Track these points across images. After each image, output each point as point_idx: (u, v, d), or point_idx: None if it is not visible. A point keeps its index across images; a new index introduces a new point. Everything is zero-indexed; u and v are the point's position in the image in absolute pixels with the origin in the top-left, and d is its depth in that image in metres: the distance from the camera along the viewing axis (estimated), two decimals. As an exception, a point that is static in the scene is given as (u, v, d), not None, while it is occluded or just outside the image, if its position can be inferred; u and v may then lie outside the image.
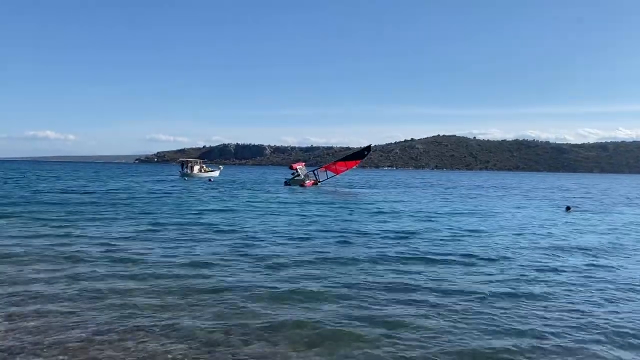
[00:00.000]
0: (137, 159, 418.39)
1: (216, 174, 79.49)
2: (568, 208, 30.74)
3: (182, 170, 77.90)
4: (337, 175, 53.25)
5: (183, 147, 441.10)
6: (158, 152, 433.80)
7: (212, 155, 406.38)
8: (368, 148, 55.42)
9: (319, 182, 52.30)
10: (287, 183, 54.61)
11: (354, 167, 54.43)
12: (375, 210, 27.02)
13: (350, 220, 21.75)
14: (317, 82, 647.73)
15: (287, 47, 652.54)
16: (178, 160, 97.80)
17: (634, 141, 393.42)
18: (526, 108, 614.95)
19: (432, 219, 22.86)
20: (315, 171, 54.50)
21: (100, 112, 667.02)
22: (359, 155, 54.20)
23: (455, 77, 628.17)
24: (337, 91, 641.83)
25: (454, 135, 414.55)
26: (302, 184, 51.42)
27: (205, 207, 27.00)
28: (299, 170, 54.70)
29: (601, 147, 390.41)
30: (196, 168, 78.27)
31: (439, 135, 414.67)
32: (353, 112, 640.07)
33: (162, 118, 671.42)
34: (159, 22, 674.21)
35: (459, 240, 16.51)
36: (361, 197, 39.93)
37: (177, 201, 31.06)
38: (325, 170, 53.59)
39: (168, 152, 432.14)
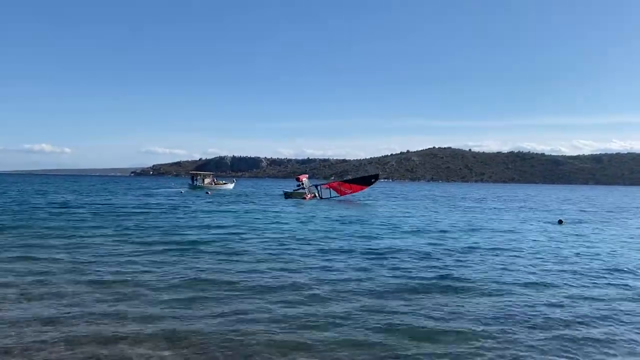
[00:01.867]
0: (132, 172, 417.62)
1: (230, 186, 79.35)
2: (560, 221, 30.56)
3: (193, 183, 78.15)
4: (340, 197, 52.70)
5: (179, 160, 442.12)
6: (154, 165, 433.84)
7: (208, 167, 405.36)
8: (376, 176, 56.16)
9: (321, 198, 51.76)
10: (288, 195, 54.05)
11: (358, 192, 54.09)
12: (389, 225, 25.83)
13: (369, 237, 20.45)
14: (314, 94, 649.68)
15: (282, 59, 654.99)
16: (189, 172, 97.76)
17: (628, 153, 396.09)
18: (521, 120, 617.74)
19: (447, 236, 21.57)
20: (319, 187, 54.14)
21: (96, 125, 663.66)
22: (366, 182, 54.25)
23: (450, 89, 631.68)
24: (333, 103, 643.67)
25: (450, 147, 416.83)
26: (304, 197, 50.94)
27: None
28: (305, 183, 54.46)
29: (596, 159, 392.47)
30: (207, 181, 78.41)
31: (434, 147, 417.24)
32: (349, 124, 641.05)
33: (158, 130, 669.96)
34: (154, 36, 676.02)
35: (480, 260, 15.35)
36: (370, 210, 38.49)
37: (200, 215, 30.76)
38: (329, 189, 52.95)
39: (164, 164, 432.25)
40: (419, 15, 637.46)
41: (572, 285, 12.10)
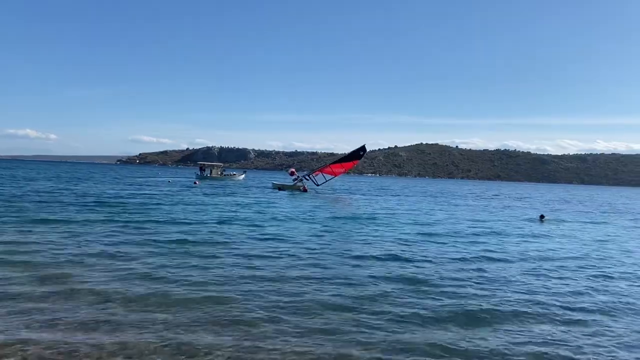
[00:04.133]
0: (118, 160, 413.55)
1: (241, 178, 79.36)
2: (542, 217, 30.72)
3: (202, 174, 77.85)
4: (336, 177, 51.83)
5: (166, 149, 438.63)
6: (140, 154, 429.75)
7: (196, 157, 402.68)
8: (363, 148, 52.71)
9: (317, 185, 51.38)
10: (281, 188, 53.62)
11: (351, 168, 52.65)
12: (403, 228, 22.98)
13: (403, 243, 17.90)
14: (303, 88, 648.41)
15: (272, 53, 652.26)
16: (197, 163, 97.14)
17: (612, 154, 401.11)
18: (508, 119, 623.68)
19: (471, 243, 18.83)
20: (311, 175, 53.38)
21: (82, 112, 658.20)
22: (355, 156, 52.03)
23: (439, 86, 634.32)
24: (322, 98, 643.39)
25: (437, 144, 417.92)
26: (304, 189, 50.06)
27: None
28: (298, 175, 53.82)
29: (580, 159, 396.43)
30: (214, 172, 78.51)
31: (422, 143, 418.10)
32: (337, 118, 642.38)
33: (145, 119, 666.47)
34: (144, 24, 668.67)
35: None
36: (379, 208, 35.39)
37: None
38: (321, 174, 52.15)
39: (150, 153, 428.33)
40: (411, 14, 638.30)
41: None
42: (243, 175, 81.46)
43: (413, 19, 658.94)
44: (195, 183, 63.25)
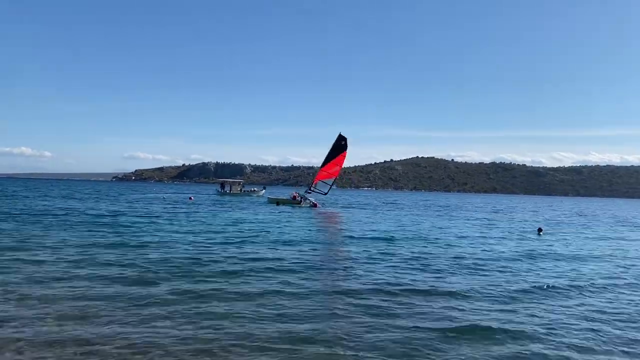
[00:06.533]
0: (114, 177, 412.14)
1: (262, 193, 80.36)
2: (540, 230, 30.28)
3: (222, 190, 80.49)
4: (336, 177, 51.34)
5: (162, 166, 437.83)
6: (136, 170, 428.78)
7: (192, 173, 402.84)
8: (341, 137, 50.64)
9: (325, 193, 50.89)
10: (278, 203, 52.56)
11: (343, 162, 51.71)
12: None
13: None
14: (297, 102, 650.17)
15: (266, 67, 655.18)
16: (218, 180, 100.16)
17: (607, 165, 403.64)
18: (503, 131, 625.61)
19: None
20: (312, 187, 52.08)
21: (78, 129, 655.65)
22: (340, 149, 50.34)
23: (434, 99, 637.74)
24: (317, 111, 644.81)
25: (433, 157, 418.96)
26: (314, 205, 48.88)
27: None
28: (298, 195, 52.78)
29: (575, 171, 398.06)
30: (235, 188, 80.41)
31: (417, 156, 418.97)
32: (332, 132, 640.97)
33: (141, 136, 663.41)
34: (138, 40, 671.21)
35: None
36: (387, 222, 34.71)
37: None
38: (321, 180, 50.97)
39: (146, 170, 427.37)
40: (405, 27, 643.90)
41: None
42: (264, 191, 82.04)
43: (408, 32, 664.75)
44: (190, 199, 62.69)
